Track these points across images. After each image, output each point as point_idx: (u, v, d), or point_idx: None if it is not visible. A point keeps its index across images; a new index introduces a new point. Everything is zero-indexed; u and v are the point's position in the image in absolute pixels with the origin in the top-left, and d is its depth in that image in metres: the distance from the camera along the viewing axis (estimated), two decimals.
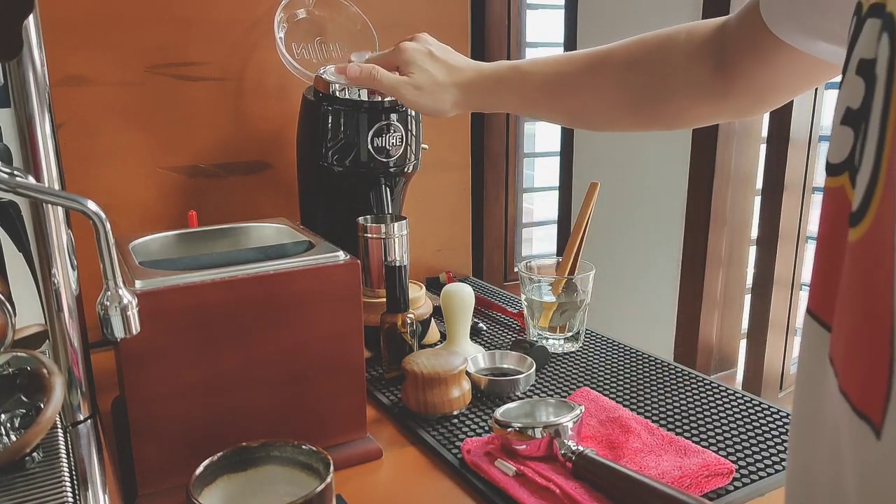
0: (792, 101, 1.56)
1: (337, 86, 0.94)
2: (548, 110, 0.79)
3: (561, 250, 1.52)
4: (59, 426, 0.62)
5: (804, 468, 0.35)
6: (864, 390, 0.28)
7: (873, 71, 0.29)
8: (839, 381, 0.31)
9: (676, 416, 0.76)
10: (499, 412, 0.69)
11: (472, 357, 0.85)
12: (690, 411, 0.78)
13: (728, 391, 0.82)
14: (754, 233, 1.72)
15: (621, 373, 0.88)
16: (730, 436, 0.72)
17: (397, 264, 0.83)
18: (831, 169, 0.33)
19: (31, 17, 0.55)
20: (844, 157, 0.32)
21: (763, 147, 1.67)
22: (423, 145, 1.03)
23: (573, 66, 0.75)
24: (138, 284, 0.59)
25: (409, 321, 0.85)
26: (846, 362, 0.30)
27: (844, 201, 0.31)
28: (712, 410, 0.78)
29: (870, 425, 0.28)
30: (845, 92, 0.32)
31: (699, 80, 0.67)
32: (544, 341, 0.94)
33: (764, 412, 0.77)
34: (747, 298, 1.77)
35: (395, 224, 0.92)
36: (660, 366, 0.90)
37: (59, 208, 0.60)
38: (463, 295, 0.90)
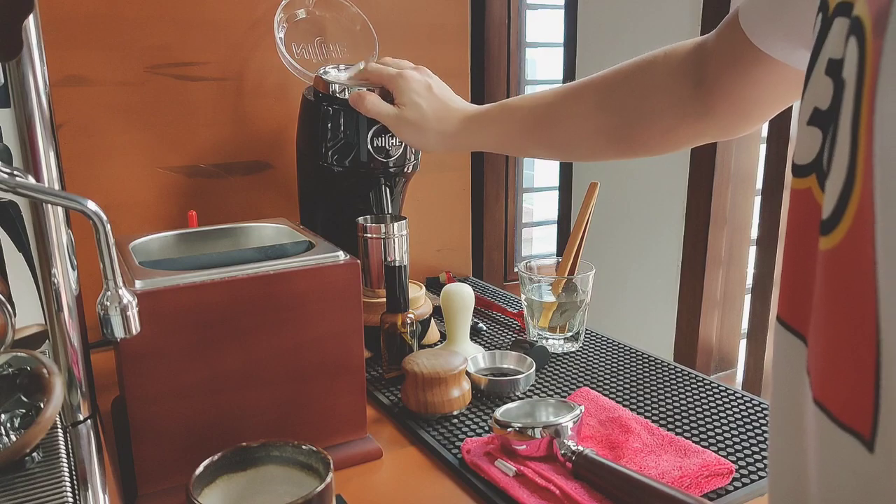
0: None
1: (337, 86, 0.94)
2: (532, 143, 0.78)
3: (561, 250, 1.52)
4: (59, 426, 0.62)
5: (788, 476, 0.35)
6: (846, 402, 0.28)
7: (841, 73, 0.29)
8: (813, 391, 0.30)
9: (676, 416, 0.76)
10: (499, 412, 0.69)
11: (472, 357, 0.85)
12: (690, 411, 0.78)
13: (728, 391, 0.82)
14: (754, 233, 1.72)
15: (621, 373, 0.88)
16: (730, 436, 0.72)
17: (397, 264, 0.83)
18: (798, 170, 0.32)
19: (31, 17, 0.55)
20: (812, 158, 0.31)
21: (763, 147, 1.67)
22: None
23: (554, 97, 0.75)
24: (138, 284, 0.59)
25: (409, 321, 0.85)
26: (823, 374, 0.30)
27: (813, 206, 0.31)
28: (712, 410, 0.78)
29: (857, 438, 0.27)
30: (812, 91, 0.31)
31: (680, 99, 0.67)
32: (544, 341, 0.94)
33: (764, 412, 0.77)
34: (747, 298, 1.77)
35: (395, 224, 0.92)
36: (660, 366, 0.90)
37: (59, 208, 0.60)
38: (463, 295, 0.90)
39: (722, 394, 0.81)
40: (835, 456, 0.29)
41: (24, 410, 0.56)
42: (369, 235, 0.92)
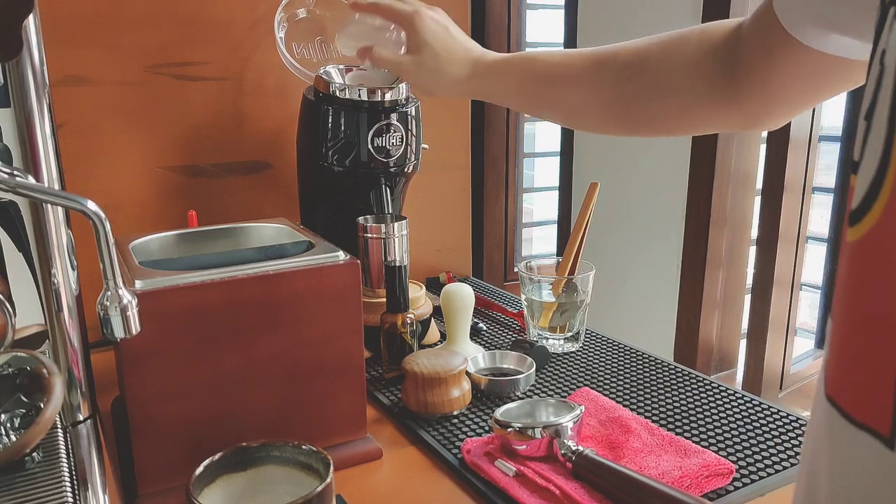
0: None
1: (337, 85, 0.94)
2: (545, 103, 0.76)
3: (561, 250, 1.52)
4: (59, 426, 0.62)
5: (804, 475, 0.34)
6: (863, 400, 0.27)
7: (883, 60, 0.27)
8: (826, 387, 0.30)
9: (676, 416, 0.76)
10: (499, 412, 0.69)
11: (472, 357, 0.85)
12: (690, 411, 0.78)
13: (728, 391, 0.82)
14: (754, 233, 1.72)
15: (621, 373, 0.88)
16: (730, 436, 0.72)
17: (397, 264, 0.83)
18: (852, 166, 0.31)
19: (31, 17, 0.55)
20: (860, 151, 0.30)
21: (763, 147, 1.67)
22: (423, 145, 1.03)
23: (579, 59, 0.73)
24: (138, 284, 0.59)
25: (409, 321, 0.85)
26: (838, 370, 0.29)
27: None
28: (712, 410, 0.78)
29: (874, 436, 0.26)
30: (867, 84, 0.30)
31: (707, 78, 0.65)
32: (544, 341, 0.94)
33: (764, 412, 0.77)
34: (747, 298, 1.77)
35: (395, 224, 0.92)
36: (660, 366, 0.90)
37: (59, 208, 0.60)
38: (463, 295, 0.90)
39: (722, 394, 0.81)
40: (847, 454, 0.28)
41: (24, 410, 0.56)
42: (369, 235, 0.92)
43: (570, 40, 1.95)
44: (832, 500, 0.30)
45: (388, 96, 0.95)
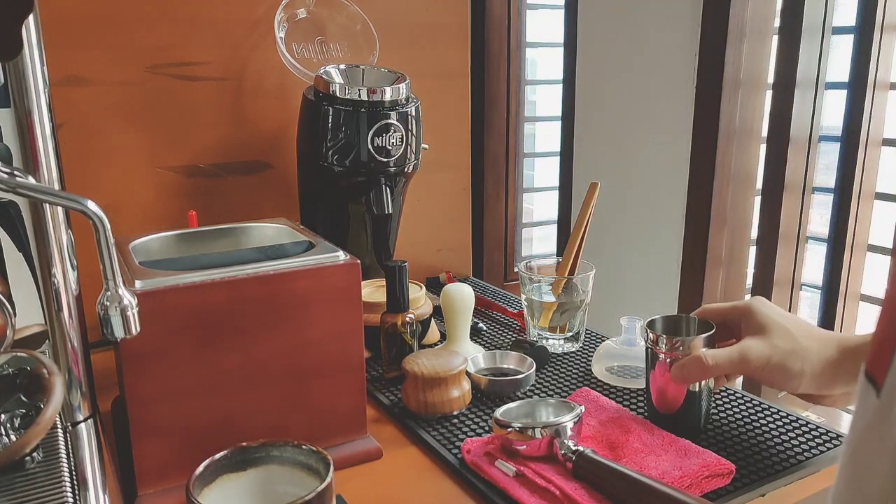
0: (792, 100, 1.56)
1: (337, 85, 0.94)
2: None
3: (561, 250, 1.52)
4: (59, 426, 0.62)
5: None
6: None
7: None
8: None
9: None
10: (499, 412, 0.69)
11: (472, 357, 0.85)
12: None
13: (728, 391, 0.82)
14: (754, 233, 1.72)
15: None
16: (730, 436, 0.72)
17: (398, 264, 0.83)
18: None
19: (31, 17, 0.55)
20: None
21: (763, 147, 1.67)
22: (423, 145, 1.03)
23: None
24: (138, 284, 0.59)
25: (409, 321, 0.85)
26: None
27: None
28: (712, 410, 0.78)
29: (873, 385, 0.26)
30: None
31: None
32: (544, 341, 0.94)
33: (764, 412, 0.77)
34: (747, 298, 1.76)
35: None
36: None
37: (59, 208, 0.60)
38: (463, 295, 0.90)
39: (722, 394, 0.81)
40: (858, 405, 0.28)
41: (24, 410, 0.56)
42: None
43: (570, 40, 1.95)
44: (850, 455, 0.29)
45: (388, 96, 0.95)
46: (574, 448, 0.64)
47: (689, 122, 1.66)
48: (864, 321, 1.70)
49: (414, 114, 0.99)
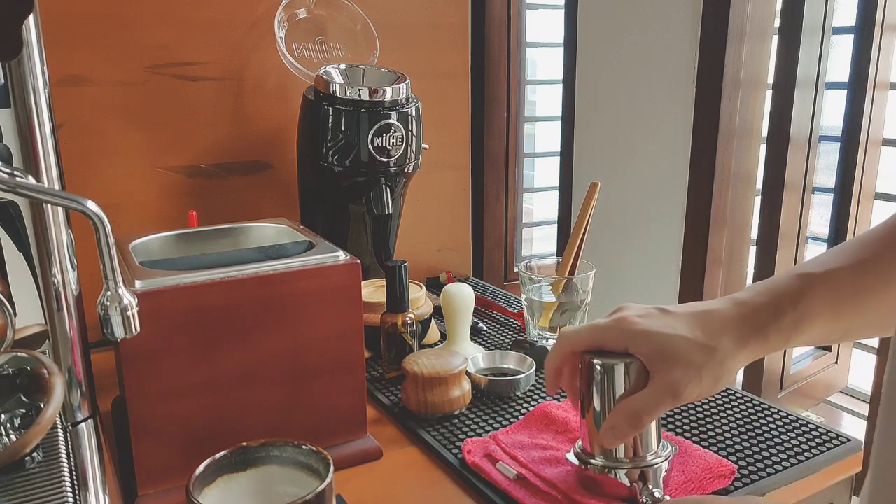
0: (792, 100, 1.56)
1: (337, 85, 0.94)
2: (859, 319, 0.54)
3: (561, 250, 1.51)
4: (59, 426, 0.62)
5: None
6: None
7: None
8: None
9: (677, 417, 0.76)
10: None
11: (472, 357, 0.85)
12: (690, 411, 0.78)
13: (728, 391, 0.82)
14: (754, 232, 1.72)
15: None
16: (730, 436, 0.72)
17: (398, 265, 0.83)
18: None
19: (31, 17, 0.55)
20: None
21: (763, 147, 1.67)
22: (423, 145, 1.03)
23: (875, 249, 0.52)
24: (138, 284, 0.59)
25: (409, 321, 0.85)
26: None
27: None
28: (712, 410, 0.78)
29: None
30: None
31: None
32: (544, 341, 0.94)
33: (764, 412, 0.77)
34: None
35: None
36: None
37: (59, 208, 0.60)
38: (463, 295, 0.90)
39: (722, 394, 0.81)
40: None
41: (24, 410, 0.56)
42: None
43: (570, 40, 1.95)
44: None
45: (388, 96, 0.95)
46: (658, 496, 0.57)
47: (689, 121, 1.66)
48: None
49: (414, 114, 0.99)
